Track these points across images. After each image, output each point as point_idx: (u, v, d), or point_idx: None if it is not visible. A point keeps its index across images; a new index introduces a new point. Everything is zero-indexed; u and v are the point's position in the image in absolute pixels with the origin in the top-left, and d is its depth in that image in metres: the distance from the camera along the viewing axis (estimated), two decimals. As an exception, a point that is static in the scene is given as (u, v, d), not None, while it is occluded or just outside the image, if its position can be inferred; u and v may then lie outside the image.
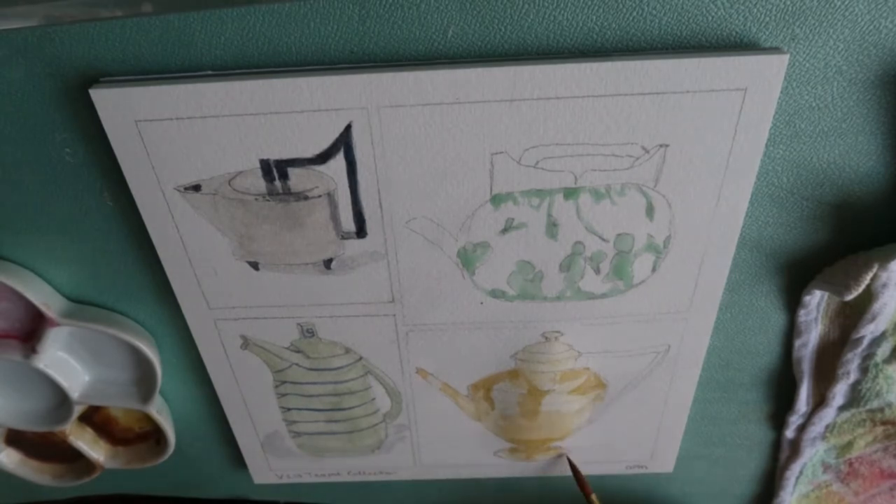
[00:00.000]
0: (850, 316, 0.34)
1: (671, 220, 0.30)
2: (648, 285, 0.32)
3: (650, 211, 0.29)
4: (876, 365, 0.34)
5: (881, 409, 0.36)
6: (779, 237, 0.31)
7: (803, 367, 0.36)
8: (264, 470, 0.43)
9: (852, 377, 0.35)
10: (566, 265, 0.31)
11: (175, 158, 0.28)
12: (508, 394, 0.38)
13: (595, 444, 0.41)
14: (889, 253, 0.29)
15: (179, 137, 0.27)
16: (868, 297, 0.31)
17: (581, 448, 0.41)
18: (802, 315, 0.34)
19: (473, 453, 0.42)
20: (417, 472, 0.43)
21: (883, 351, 0.33)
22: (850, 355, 0.34)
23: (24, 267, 0.34)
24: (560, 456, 0.42)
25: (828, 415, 0.37)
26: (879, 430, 0.38)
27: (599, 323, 0.34)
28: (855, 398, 0.36)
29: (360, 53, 0.26)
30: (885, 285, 0.30)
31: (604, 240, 0.30)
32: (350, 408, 0.39)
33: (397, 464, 0.43)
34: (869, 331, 0.33)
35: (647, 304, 0.33)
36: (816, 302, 0.33)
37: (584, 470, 0.43)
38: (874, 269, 0.29)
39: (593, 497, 0.40)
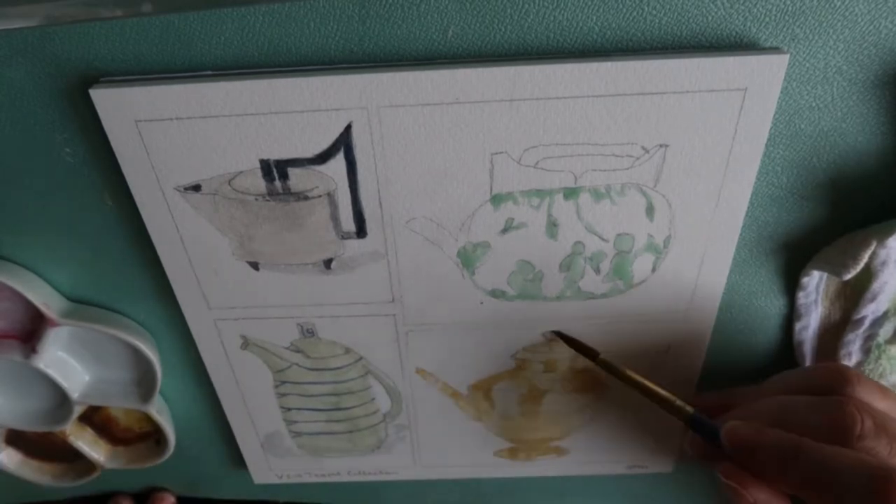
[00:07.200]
0: (851, 297, 0.33)
1: (671, 220, 0.30)
2: (648, 285, 0.32)
3: (650, 211, 0.29)
4: (878, 346, 0.33)
5: None
6: (779, 237, 0.31)
7: (805, 349, 0.35)
8: (264, 470, 0.43)
9: (854, 359, 0.34)
10: (566, 265, 0.31)
11: (175, 158, 0.28)
12: (508, 394, 0.38)
13: (595, 444, 0.41)
14: (887, 229, 0.29)
15: (179, 137, 0.27)
16: (868, 276, 0.31)
17: (581, 448, 0.41)
18: (802, 297, 0.33)
19: (473, 453, 0.42)
20: (417, 472, 0.43)
21: (885, 331, 0.33)
22: (851, 336, 0.33)
23: (24, 267, 0.33)
24: (560, 455, 0.42)
25: None
26: None
27: (599, 323, 0.34)
28: None
29: (360, 53, 0.26)
30: (884, 263, 0.30)
31: (604, 240, 0.30)
32: (350, 408, 0.39)
33: (397, 464, 0.43)
34: (870, 311, 0.32)
35: (647, 304, 0.33)
36: (815, 283, 0.32)
37: (584, 470, 0.43)
38: (872, 247, 0.29)
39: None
